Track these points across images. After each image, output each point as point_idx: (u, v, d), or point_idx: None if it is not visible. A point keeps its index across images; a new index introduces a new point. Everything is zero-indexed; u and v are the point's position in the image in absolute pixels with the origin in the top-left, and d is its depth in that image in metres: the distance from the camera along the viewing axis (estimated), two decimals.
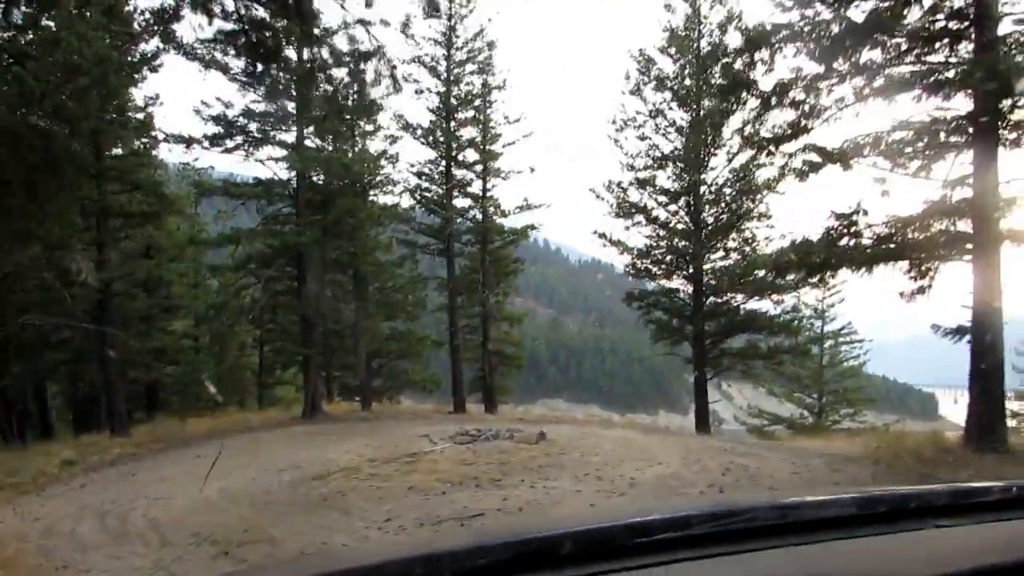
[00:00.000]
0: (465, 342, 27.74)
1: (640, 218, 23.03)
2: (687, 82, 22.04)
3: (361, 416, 21.37)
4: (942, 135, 10.03)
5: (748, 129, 13.44)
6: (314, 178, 21.53)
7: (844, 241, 10.77)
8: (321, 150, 21.13)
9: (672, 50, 22.01)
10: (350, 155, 21.39)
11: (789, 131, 10.29)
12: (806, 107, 10.21)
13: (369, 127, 22.16)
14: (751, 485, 8.90)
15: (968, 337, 10.01)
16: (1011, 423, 30.63)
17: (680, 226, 22.77)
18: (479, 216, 23.92)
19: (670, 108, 22.37)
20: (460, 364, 23.77)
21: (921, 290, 11.06)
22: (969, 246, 10.06)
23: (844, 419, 31.43)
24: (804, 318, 21.37)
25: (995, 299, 9.61)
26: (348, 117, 21.22)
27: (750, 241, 21.56)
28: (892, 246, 10.43)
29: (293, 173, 20.88)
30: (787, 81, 9.94)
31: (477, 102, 23.08)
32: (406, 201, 24.11)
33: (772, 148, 10.46)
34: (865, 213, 10.46)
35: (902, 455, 10.19)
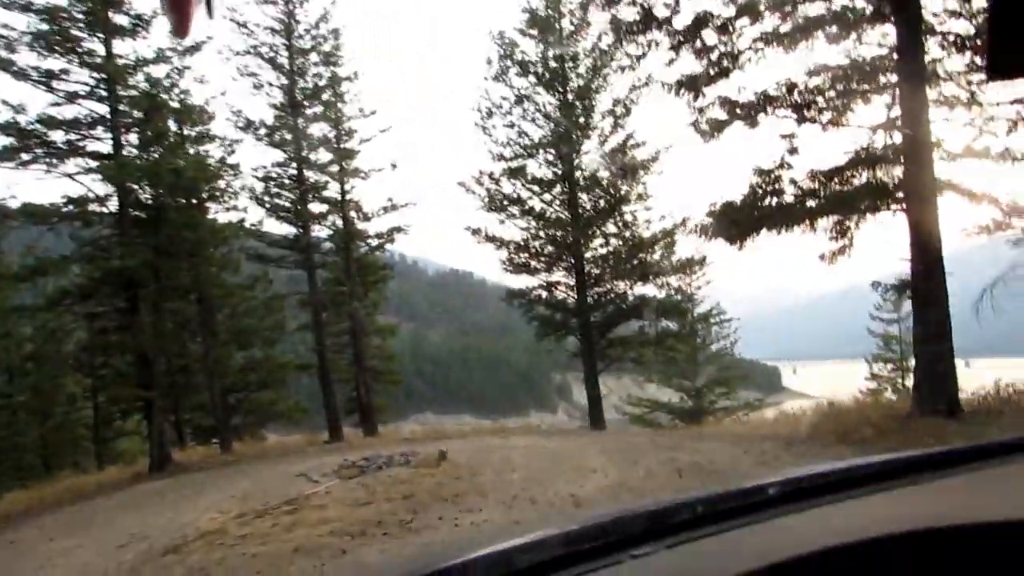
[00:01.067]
0: (334, 362, 25.27)
1: (514, 210, 21.64)
2: (552, 64, 20.91)
3: (221, 461, 18.43)
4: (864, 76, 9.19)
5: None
6: (141, 192, 18.37)
7: (767, 201, 9.72)
8: (144, 158, 18.01)
9: (534, 31, 20.80)
10: (181, 163, 18.38)
11: (710, 71, 9.10)
12: (720, 49, 9.07)
13: (199, 128, 19.19)
14: (721, 483, 7.53)
15: (907, 292, 9.23)
16: (871, 385, 32.23)
17: (557, 216, 21.59)
18: (339, 222, 21.54)
19: (536, 92, 21.15)
20: (332, 386, 21.30)
21: (842, 250, 10.26)
22: (900, 195, 9.28)
23: (719, 399, 31.80)
24: (686, 300, 20.72)
25: (935, 247, 8.84)
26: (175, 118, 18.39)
27: (630, 225, 20.72)
28: (817, 201, 9.47)
29: (112, 188, 17.64)
30: (703, 15, 8.75)
31: (326, 95, 20.74)
32: (255, 213, 21.35)
33: (692, 89, 9.20)
34: (789, 167, 9.47)
35: (855, 428, 9.23)
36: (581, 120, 20.55)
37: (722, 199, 9.78)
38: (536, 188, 21.52)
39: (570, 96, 20.76)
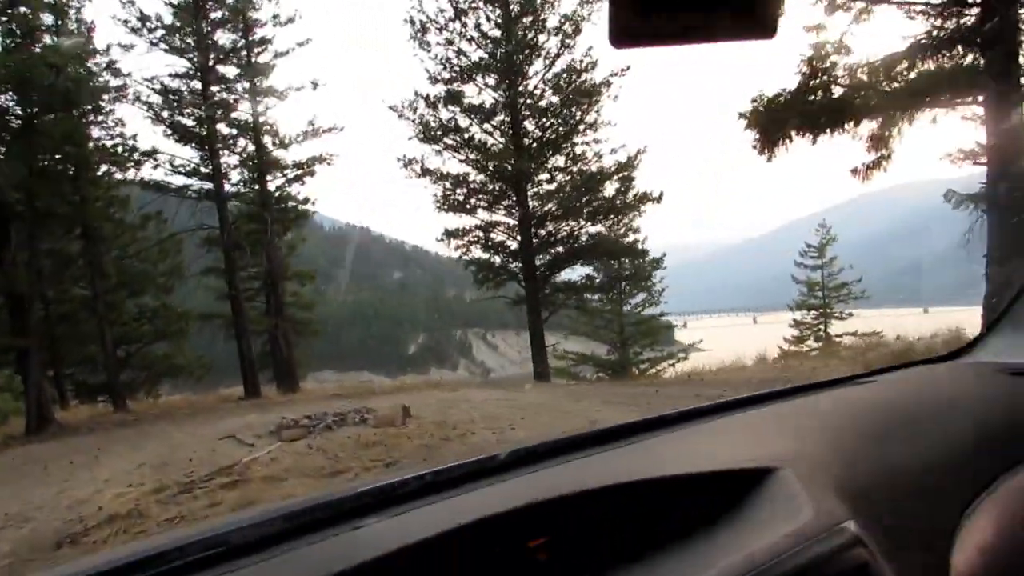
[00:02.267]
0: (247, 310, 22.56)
1: (452, 140, 19.53)
2: None
3: (116, 421, 15.71)
4: None
5: None
6: (5, 98, 15.04)
7: (814, 96, 8.24)
8: (8, 51, 14.67)
9: None
10: (57, 60, 15.10)
11: None
12: None
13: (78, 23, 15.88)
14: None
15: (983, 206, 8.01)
16: (795, 333, 32.34)
17: (499, 147, 19.64)
18: (251, 148, 18.74)
19: (476, 6, 18.92)
20: (247, 336, 18.74)
21: (878, 162, 8.96)
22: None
23: (644, 351, 31.06)
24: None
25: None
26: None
27: (579, 158, 19.06)
28: (881, 92, 8.06)
29: None
30: None
31: None
32: (149, 137, 18.14)
33: None
34: (847, 51, 7.99)
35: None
36: (527, 38, 18.56)
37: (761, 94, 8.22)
38: (476, 116, 19.43)
39: (514, 10, 18.67)
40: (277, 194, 19.18)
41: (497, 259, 20.85)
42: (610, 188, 18.39)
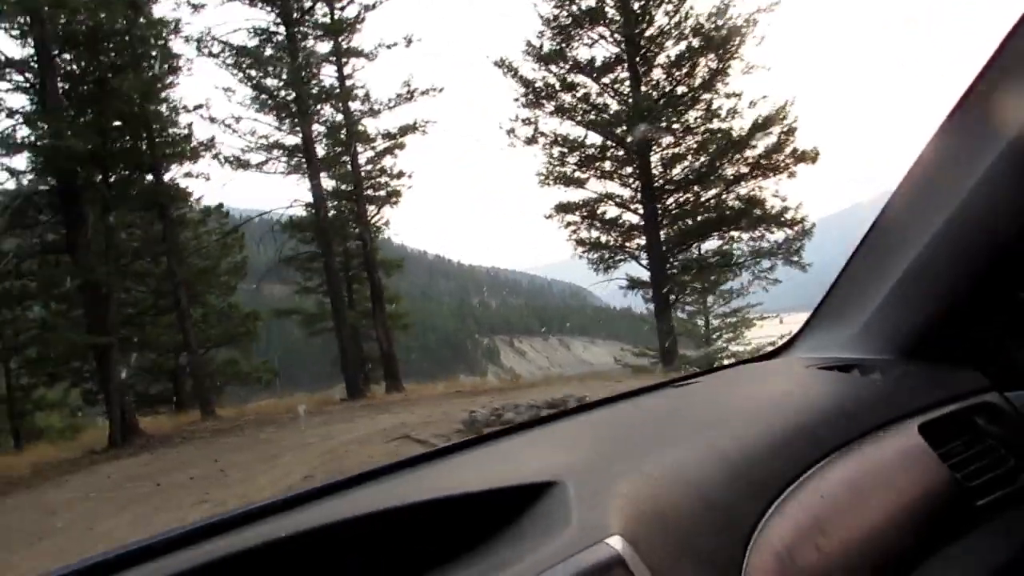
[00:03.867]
0: (324, 309, 20.27)
1: (565, 99, 17.12)
2: None
3: (210, 429, 13.33)
4: None
5: None
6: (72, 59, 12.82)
7: None
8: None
9: None
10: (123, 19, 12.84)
11: None
12: None
13: None
14: None
15: None
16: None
17: (617, 105, 17.20)
18: (339, 117, 16.39)
19: None
20: (349, 331, 16.37)
21: None
22: None
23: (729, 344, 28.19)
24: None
25: None
26: None
27: (714, 115, 16.52)
28: None
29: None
30: None
31: None
32: (224, 105, 15.84)
33: None
34: None
35: None
36: None
37: None
38: (593, 72, 17.02)
39: None
40: (367, 167, 16.80)
41: (610, 237, 18.39)
42: (757, 146, 15.83)
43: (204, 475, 8.70)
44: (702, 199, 16.85)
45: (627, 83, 17.04)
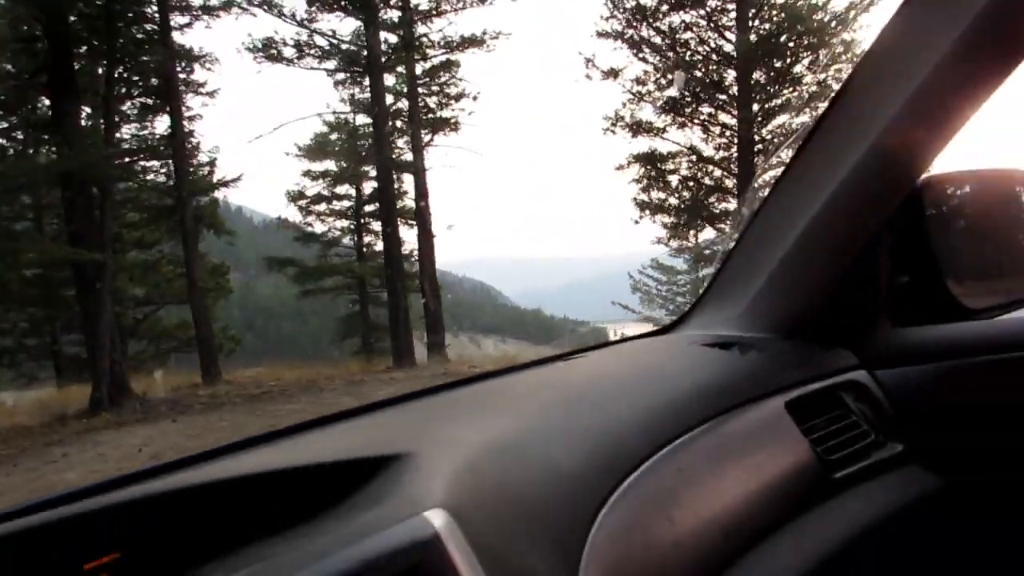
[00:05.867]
0: (323, 264, 16.75)
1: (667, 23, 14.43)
2: None
3: (238, 394, 9.65)
4: None
5: None
6: None
7: None
8: None
9: None
10: None
11: None
12: None
13: None
14: None
15: None
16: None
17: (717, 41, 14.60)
18: (394, 18, 12.91)
19: None
20: (403, 290, 12.93)
21: None
22: None
23: None
24: None
25: None
26: None
27: (840, 56, 14.16)
28: None
29: None
30: None
31: None
32: None
33: None
34: None
35: None
36: None
37: None
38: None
39: None
40: (423, 82, 13.40)
41: (682, 198, 15.86)
42: None
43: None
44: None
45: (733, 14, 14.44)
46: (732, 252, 1.23)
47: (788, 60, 14.47)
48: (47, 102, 9.37)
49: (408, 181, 13.98)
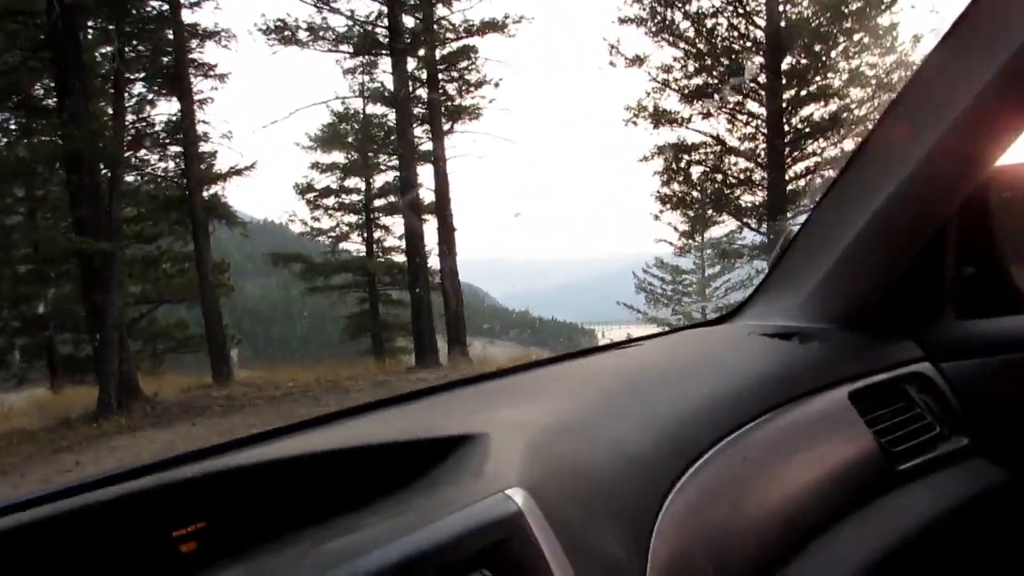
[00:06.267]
0: (330, 260, 16.11)
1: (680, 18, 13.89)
2: None
3: (262, 396, 8.92)
4: None
5: None
6: None
7: None
8: None
9: None
10: None
11: None
12: None
13: None
14: None
15: None
16: None
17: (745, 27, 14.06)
18: None
19: None
20: (426, 287, 12.29)
21: None
22: None
23: None
24: None
25: None
26: None
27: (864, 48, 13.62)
28: None
29: None
30: None
31: None
32: None
33: None
34: None
35: None
36: None
37: None
38: None
39: None
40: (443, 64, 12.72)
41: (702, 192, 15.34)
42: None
43: None
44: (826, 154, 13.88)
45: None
46: (793, 242, 1.22)
47: (820, 47, 13.89)
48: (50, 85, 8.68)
49: (423, 174, 13.38)
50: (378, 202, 16.00)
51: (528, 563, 0.53)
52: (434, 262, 13.38)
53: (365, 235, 16.25)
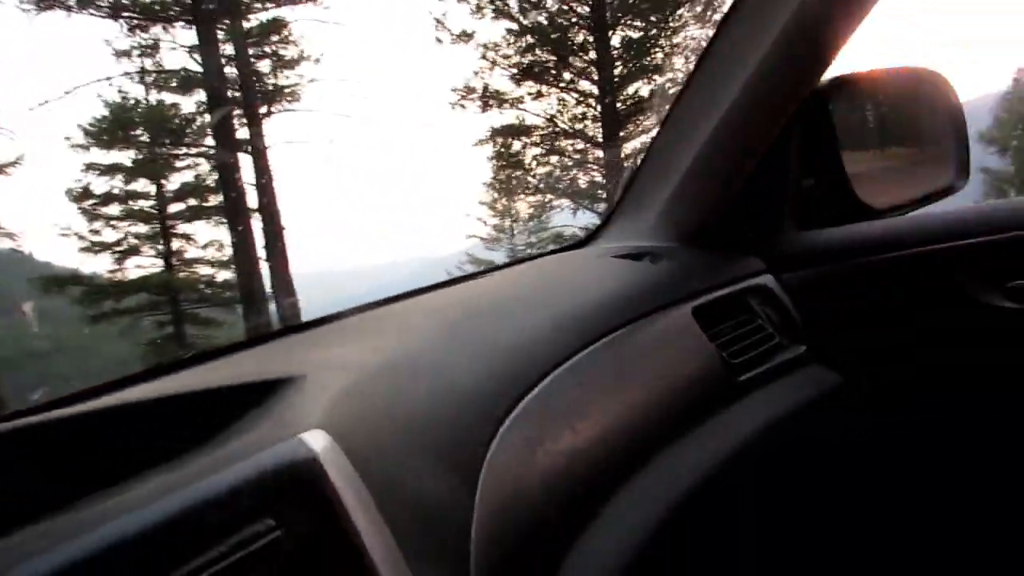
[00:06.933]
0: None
1: None
2: None
3: None
4: None
5: None
6: None
7: None
8: None
9: None
10: None
11: None
12: None
13: None
14: None
15: None
16: None
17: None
18: None
19: None
20: (262, 296, 10.68)
21: None
22: None
23: None
24: None
25: None
26: None
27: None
28: None
29: None
30: None
31: None
32: None
33: None
34: None
35: None
36: None
37: None
38: None
39: None
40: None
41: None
42: None
43: None
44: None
45: None
46: (642, 164, 1.20)
47: (648, 21, 13.84)
48: None
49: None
50: (175, 206, 13.75)
51: (323, 510, 0.47)
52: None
53: (162, 246, 13.88)
